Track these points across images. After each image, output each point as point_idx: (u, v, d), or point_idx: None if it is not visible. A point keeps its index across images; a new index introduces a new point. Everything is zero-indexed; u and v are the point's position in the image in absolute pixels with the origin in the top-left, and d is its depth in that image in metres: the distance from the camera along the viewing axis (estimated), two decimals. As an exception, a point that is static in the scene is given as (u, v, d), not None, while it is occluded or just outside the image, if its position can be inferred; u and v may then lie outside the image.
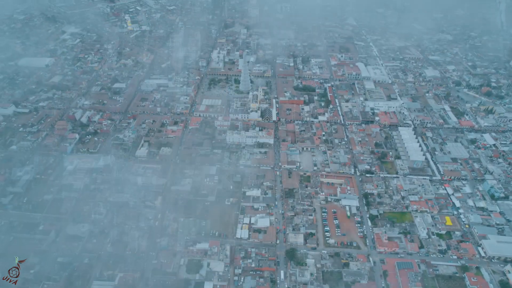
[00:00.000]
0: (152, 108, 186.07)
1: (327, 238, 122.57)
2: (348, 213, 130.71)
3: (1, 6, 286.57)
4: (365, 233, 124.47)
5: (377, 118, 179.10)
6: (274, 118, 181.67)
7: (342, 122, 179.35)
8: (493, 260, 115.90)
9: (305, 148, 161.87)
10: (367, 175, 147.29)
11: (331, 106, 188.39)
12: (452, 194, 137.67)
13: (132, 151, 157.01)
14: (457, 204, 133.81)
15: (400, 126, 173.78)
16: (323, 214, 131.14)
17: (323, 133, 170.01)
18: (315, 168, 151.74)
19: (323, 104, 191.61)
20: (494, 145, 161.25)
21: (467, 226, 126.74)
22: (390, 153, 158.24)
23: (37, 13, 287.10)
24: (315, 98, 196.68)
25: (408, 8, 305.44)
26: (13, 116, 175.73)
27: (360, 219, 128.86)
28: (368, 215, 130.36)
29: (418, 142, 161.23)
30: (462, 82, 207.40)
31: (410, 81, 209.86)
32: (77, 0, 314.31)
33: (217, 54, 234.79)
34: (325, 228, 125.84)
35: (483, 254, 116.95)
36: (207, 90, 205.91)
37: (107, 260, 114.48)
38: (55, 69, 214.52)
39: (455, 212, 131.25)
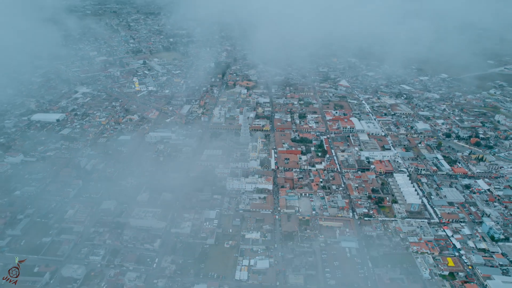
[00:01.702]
0: (155, 157, 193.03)
1: (328, 280, 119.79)
2: (348, 255, 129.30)
3: (20, 70, 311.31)
4: (366, 274, 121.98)
5: (372, 166, 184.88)
6: (273, 166, 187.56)
7: (339, 170, 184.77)
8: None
9: (303, 194, 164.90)
10: (366, 218, 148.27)
11: (327, 156, 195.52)
12: (452, 235, 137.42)
13: (133, 196, 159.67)
14: (458, 245, 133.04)
15: (395, 173, 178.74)
16: (323, 256, 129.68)
17: (321, 180, 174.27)
18: (314, 212, 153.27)
19: (319, 154, 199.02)
20: (488, 190, 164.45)
21: (470, 267, 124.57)
22: (387, 198, 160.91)
23: (53, 76, 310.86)
24: (312, 149, 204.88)
25: (396, 72, 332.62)
26: (20, 164, 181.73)
27: (360, 261, 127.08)
28: (368, 257, 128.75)
29: (414, 187, 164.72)
30: (451, 134, 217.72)
31: (402, 133, 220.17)
32: (90, 65, 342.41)
33: (219, 110, 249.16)
34: (326, 269, 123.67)
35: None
36: (208, 142, 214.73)
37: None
38: (65, 123, 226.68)
39: (456, 253, 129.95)
